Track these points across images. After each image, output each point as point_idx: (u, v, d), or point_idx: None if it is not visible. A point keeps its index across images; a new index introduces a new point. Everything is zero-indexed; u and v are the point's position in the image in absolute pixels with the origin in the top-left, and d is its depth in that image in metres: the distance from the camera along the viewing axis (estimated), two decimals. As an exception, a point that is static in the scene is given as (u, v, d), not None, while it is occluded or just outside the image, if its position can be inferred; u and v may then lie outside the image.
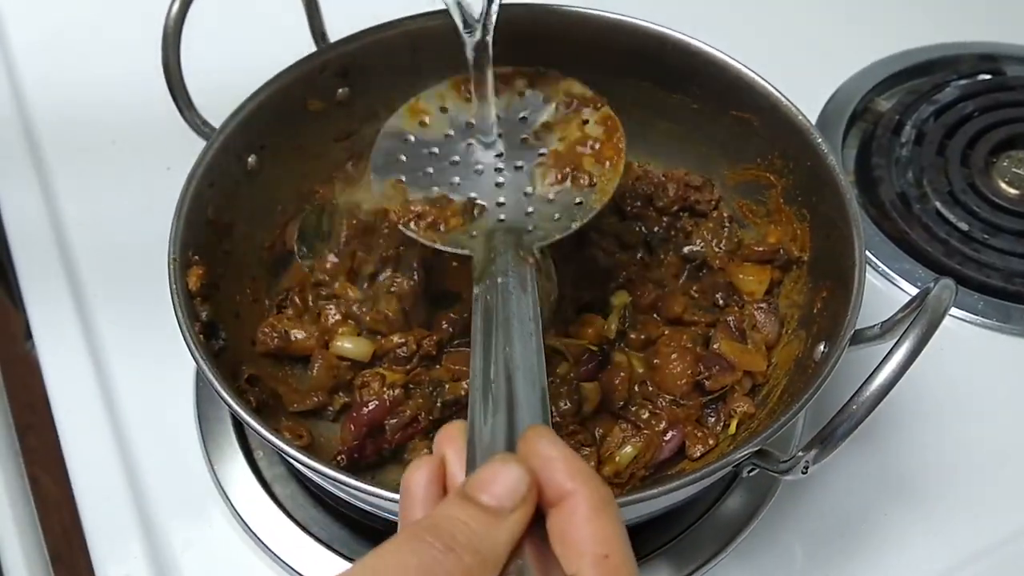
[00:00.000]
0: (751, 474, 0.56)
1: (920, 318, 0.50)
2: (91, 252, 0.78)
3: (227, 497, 0.64)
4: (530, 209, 0.62)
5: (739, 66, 0.69)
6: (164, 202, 0.61)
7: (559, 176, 0.64)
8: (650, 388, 0.66)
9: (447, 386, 0.65)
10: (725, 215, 0.74)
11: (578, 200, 0.63)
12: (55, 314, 0.75)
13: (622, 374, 0.65)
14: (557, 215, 0.62)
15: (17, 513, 0.70)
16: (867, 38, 0.98)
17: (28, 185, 0.83)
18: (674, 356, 0.65)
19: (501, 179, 0.64)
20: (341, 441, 0.64)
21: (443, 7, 0.69)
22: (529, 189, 0.64)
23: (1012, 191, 0.83)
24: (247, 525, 0.63)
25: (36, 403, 0.72)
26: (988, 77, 0.95)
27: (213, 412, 0.68)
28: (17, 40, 0.96)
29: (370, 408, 0.63)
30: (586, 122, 0.67)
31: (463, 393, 0.64)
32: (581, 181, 0.64)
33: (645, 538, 0.63)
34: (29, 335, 0.75)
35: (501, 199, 0.63)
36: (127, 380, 0.71)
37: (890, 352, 0.49)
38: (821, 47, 0.98)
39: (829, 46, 0.98)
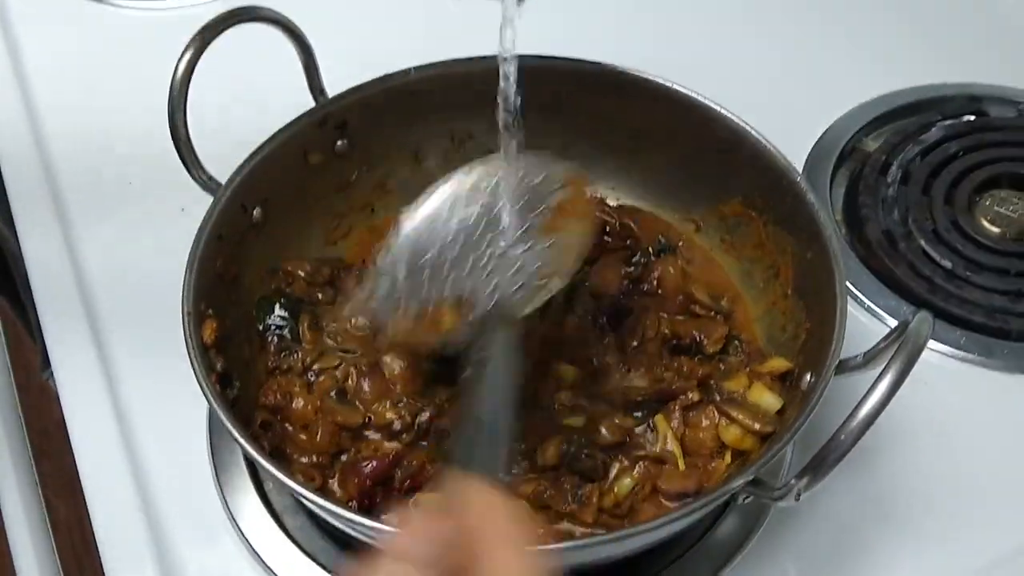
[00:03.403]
0: (746, 501, 0.63)
1: (901, 349, 0.56)
2: (109, 288, 0.86)
3: (238, 526, 0.71)
4: (519, 281, 0.69)
5: (719, 109, 0.78)
6: (179, 242, 0.69)
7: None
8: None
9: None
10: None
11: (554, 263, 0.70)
12: (74, 348, 0.82)
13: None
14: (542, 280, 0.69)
15: (35, 537, 0.78)
16: (855, 80, 1.06)
17: (48, 223, 0.91)
18: (706, 423, 0.72)
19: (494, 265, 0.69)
20: (343, 493, 0.70)
21: (434, 60, 0.79)
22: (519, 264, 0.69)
23: (994, 229, 0.91)
24: (257, 554, 0.70)
25: (49, 429, 0.80)
26: (972, 118, 1.03)
27: (225, 443, 0.75)
28: (38, 84, 1.06)
29: (370, 467, 0.69)
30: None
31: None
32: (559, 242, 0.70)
33: (641, 566, 0.69)
34: (44, 366, 0.83)
35: (494, 282, 0.69)
36: (142, 412, 0.78)
37: (874, 383, 0.55)
38: (810, 89, 1.06)
39: (818, 88, 1.07)
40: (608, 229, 0.84)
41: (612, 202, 0.87)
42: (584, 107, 0.84)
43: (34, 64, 1.08)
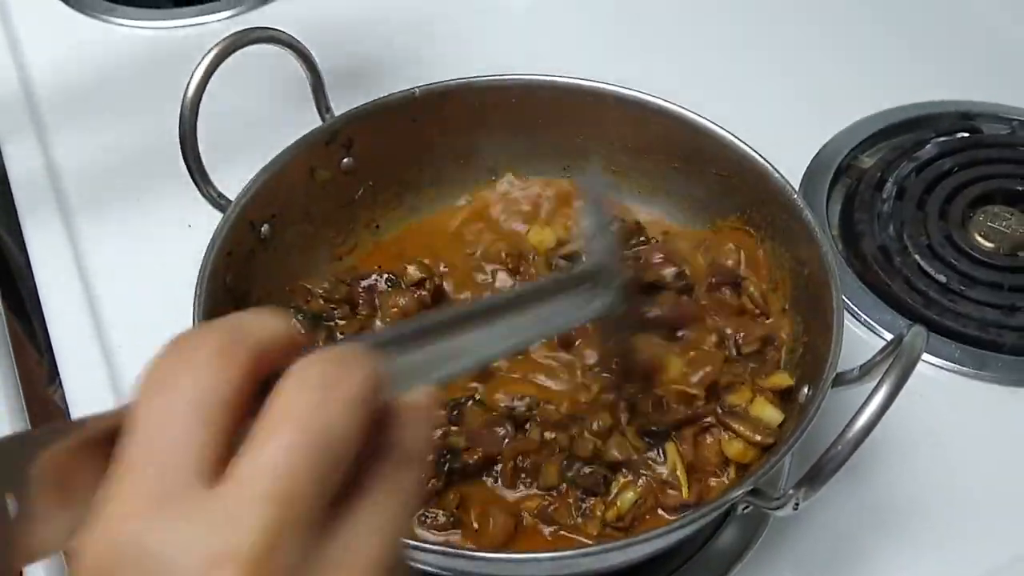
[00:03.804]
0: (746, 511, 0.64)
1: (896, 362, 0.58)
2: (116, 304, 0.88)
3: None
4: None
5: (717, 128, 0.80)
6: (186, 258, 0.70)
7: None
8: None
9: (462, 454, 0.71)
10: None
11: None
12: (83, 362, 0.84)
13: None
14: None
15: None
16: (850, 98, 1.09)
17: (56, 239, 0.93)
18: (710, 439, 0.73)
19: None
20: None
21: (438, 80, 0.81)
22: None
23: (988, 244, 0.92)
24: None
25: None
26: (966, 135, 1.05)
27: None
28: (46, 102, 1.08)
29: None
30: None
31: (471, 462, 0.71)
32: None
33: (642, 576, 0.72)
34: (50, 380, 0.84)
35: None
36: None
37: (870, 395, 0.57)
38: (806, 107, 1.09)
39: (814, 106, 1.09)
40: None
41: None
42: (582, 125, 0.86)
43: (43, 83, 1.10)
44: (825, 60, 1.16)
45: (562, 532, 0.70)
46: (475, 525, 0.70)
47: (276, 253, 0.78)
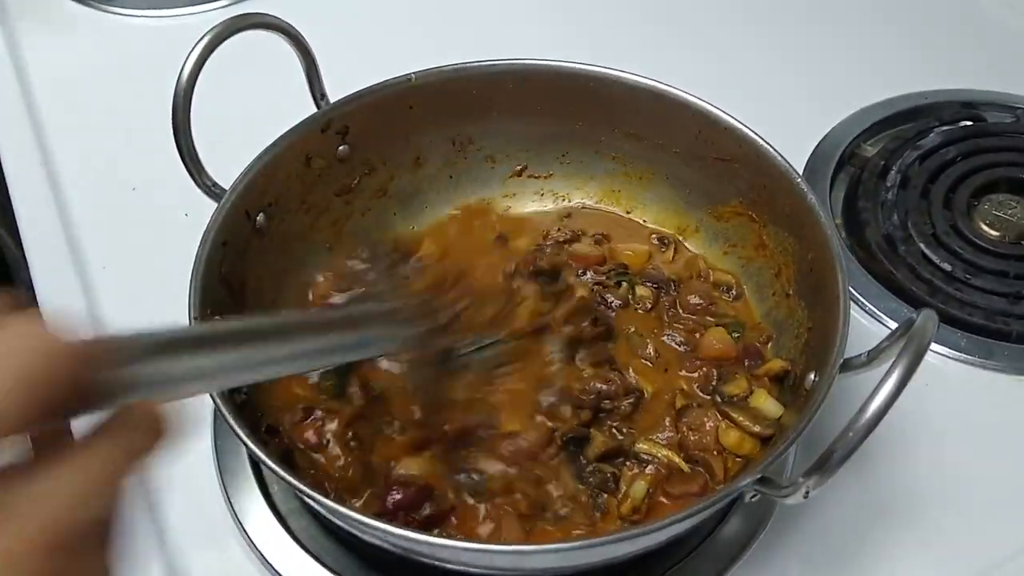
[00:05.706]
0: (753, 499, 0.63)
1: (908, 346, 0.56)
2: (112, 293, 0.88)
3: (244, 529, 0.71)
4: None
5: (720, 113, 0.79)
6: (182, 248, 0.69)
7: None
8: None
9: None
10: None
11: None
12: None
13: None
14: None
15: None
16: (853, 87, 1.08)
17: (52, 231, 0.93)
18: (709, 426, 0.73)
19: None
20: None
21: (434, 66, 0.81)
22: None
23: (993, 233, 0.92)
24: (263, 556, 0.70)
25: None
26: (969, 123, 1.04)
27: (230, 446, 0.76)
28: (42, 92, 1.07)
29: (393, 501, 0.68)
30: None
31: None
32: None
33: (647, 567, 0.70)
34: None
35: None
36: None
37: (882, 380, 0.55)
38: (809, 96, 1.08)
39: (817, 95, 1.09)
40: None
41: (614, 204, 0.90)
42: (586, 111, 0.85)
43: (38, 73, 1.09)
44: (827, 49, 1.15)
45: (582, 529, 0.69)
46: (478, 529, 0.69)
47: (272, 242, 0.77)
